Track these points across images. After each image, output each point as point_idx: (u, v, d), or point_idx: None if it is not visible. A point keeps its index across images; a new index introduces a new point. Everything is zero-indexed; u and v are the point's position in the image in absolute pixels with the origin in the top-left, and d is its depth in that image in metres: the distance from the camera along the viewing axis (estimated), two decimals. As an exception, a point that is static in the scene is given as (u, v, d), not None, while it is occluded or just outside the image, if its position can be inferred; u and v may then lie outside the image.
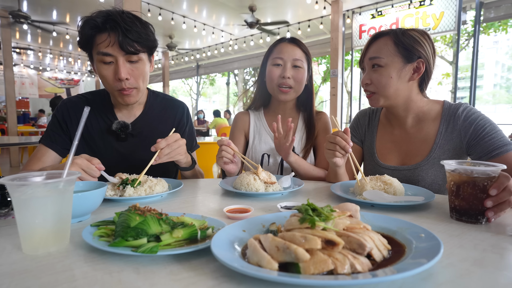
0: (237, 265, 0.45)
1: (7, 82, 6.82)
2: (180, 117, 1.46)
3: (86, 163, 0.93)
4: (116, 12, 1.15)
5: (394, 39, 1.17)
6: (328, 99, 6.67)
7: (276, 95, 1.49)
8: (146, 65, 1.23)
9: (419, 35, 1.18)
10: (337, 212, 0.57)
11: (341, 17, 6.33)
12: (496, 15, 5.92)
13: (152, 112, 1.40)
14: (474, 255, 0.55)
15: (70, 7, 6.96)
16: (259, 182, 1.05)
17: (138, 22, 1.18)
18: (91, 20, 1.12)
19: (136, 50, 1.15)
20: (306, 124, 1.56)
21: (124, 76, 1.16)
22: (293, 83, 1.45)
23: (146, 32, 1.19)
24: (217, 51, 10.70)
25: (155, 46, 1.26)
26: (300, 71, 1.45)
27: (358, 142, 1.42)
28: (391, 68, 1.16)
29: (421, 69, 1.17)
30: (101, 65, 1.17)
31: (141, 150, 1.33)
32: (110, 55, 1.14)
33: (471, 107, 1.18)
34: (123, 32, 1.11)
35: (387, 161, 1.30)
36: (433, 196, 0.90)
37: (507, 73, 40.59)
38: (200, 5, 6.97)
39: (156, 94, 1.46)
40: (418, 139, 1.24)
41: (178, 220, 0.63)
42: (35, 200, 0.57)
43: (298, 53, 1.46)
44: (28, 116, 12.53)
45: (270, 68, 1.47)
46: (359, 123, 1.45)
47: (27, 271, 0.50)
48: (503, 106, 34.11)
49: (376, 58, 1.19)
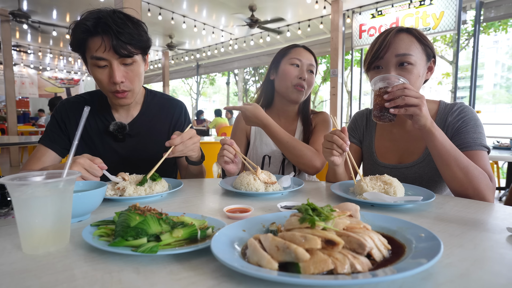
0: (237, 264, 0.45)
1: (7, 81, 6.81)
2: (178, 116, 1.46)
3: (88, 163, 0.93)
4: (106, 13, 1.12)
5: (415, 37, 1.15)
6: (328, 98, 6.66)
7: (289, 94, 1.51)
8: (140, 66, 1.22)
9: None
10: (337, 212, 0.57)
11: (341, 17, 6.32)
12: (496, 15, 5.91)
13: (149, 111, 1.39)
14: (474, 255, 0.55)
15: (70, 6, 6.95)
16: (259, 182, 1.05)
17: (130, 22, 1.15)
18: (81, 24, 1.10)
19: (130, 53, 1.14)
20: (303, 123, 1.58)
21: (119, 80, 1.15)
22: (306, 86, 1.51)
23: (138, 32, 1.16)
24: (217, 51, 10.69)
25: (149, 46, 1.23)
26: (313, 76, 1.54)
27: (356, 142, 1.42)
28: (420, 67, 1.15)
29: (433, 68, 1.18)
30: (95, 69, 1.15)
31: (139, 150, 1.33)
32: (104, 59, 1.12)
33: (466, 106, 1.19)
34: (115, 35, 1.09)
35: (386, 160, 1.30)
36: (433, 195, 0.90)
37: (507, 73, 40.58)
38: (200, 5, 6.96)
39: (153, 94, 1.45)
40: (415, 137, 1.24)
41: (178, 219, 0.63)
42: (35, 200, 0.57)
43: (312, 60, 1.54)
44: (28, 115, 12.51)
45: (288, 67, 1.50)
46: (357, 124, 1.45)
47: (27, 271, 0.50)
48: (503, 105, 34.11)
49: (406, 55, 1.12)
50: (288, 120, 1.61)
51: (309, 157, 1.35)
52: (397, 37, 1.14)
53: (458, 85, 5.82)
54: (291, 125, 1.60)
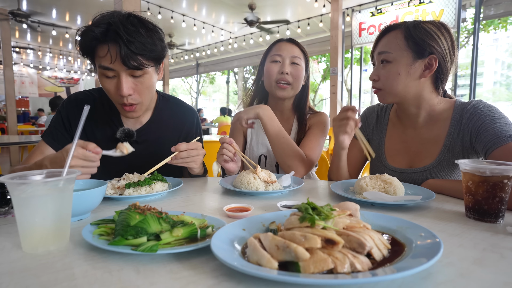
0: (237, 264, 0.45)
1: (6, 81, 6.80)
2: (190, 126, 1.40)
3: (81, 152, 0.86)
4: (118, 19, 1.03)
5: (404, 33, 1.10)
6: (328, 97, 6.66)
7: (274, 92, 1.47)
8: (152, 78, 1.14)
9: (434, 28, 1.09)
10: (337, 211, 0.57)
11: (340, 15, 6.31)
12: (495, 13, 5.90)
13: (160, 119, 1.33)
14: (474, 254, 0.55)
15: (69, 6, 6.94)
16: (259, 181, 1.05)
17: (144, 29, 1.06)
18: (90, 32, 1.02)
19: (140, 65, 1.05)
20: (299, 123, 1.54)
21: (127, 93, 1.08)
22: (291, 79, 1.44)
23: (152, 41, 1.07)
24: (216, 50, 10.68)
25: (163, 56, 1.14)
26: (298, 68, 1.46)
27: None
28: (400, 64, 1.10)
29: (433, 66, 1.08)
30: (103, 78, 1.09)
31: (146, 157, 1.26)
32: (112, 69, 1.05)
33: (481, 102, 1.08)
34: (125, 44, 1.00)
35: (395, 163, 1.23)
36: (433, 195, 0.89)
37: (507, 71, 40.55)
38: (199, 4, 6.95)
39: (166, 99, 1.38)
40: (428, 140, 1.16)
41: (178, 218, 0.63)
42: (35, 199, 0.57)
43: (296, 51, 1.47)
44: (28, 115, 12.51)
45: (269, 65, 1.47)
46: (366, 121, 1.37)
47: (27, 270, 0.50)
48: (503, 103, 34.05)
49: (384, 53, 1.12)
50: (283, 119, 1.56)
51: (295, 161, 1.32)
52: (383, 36, 1.16)
53: (458, 83, 5.81)
54: (286, 124, 1.56)
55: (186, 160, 1.09)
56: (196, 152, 1.10)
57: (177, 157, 1.07)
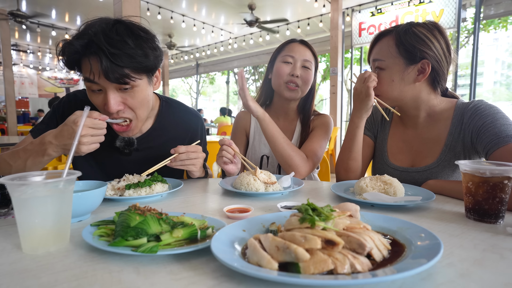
0: (237, 264, 0.45)
1: (6, 81, 6.81)
2: (194, 133, 1.35)
3: (90, 121, 0.85)
4: (101, 29, 0.93)
5: (395, 40, 1.11)
6: (328, 97, 6.66)
7: (282, 92, 1.47)
8: (144, 91, 1.03)
9: (425, 31, 1.08)
10: (337, 212, 0.57)
11: (340, 15, 6.30)
12: (496, 12, 5.90)
13: (162, 126, 1.27)
14: (474, 255, 0.55)
15: (69, 6, 6.94)
16: (259, 182, 1.05)
17: (132, 38, 0.95)
18: (70, 45, 0.93)
19: (128, 78, 0.95)
20: (302, 125, 1.54)
21: (115, 109, 0.98)
22: (301, 82, 1.45)
23: (143, 51, 0.96)
24: (216, 50, 10.68)
25: (156, 66, 1.04)
26: (309, 72, 1.46)
27: (371, 136, 1.36)
28: (393, 71, 1.11)
29: (426, 70, 1.08)
30: (89, 92, 1.01)
31: (147, 165, 1.18)
32: (97, 83, 0.95)
33: (482, 102, 1.08)
34: (107, 57, 0.90)
35: (397, 162, 1.24)
36: (433, 196, 0.90)
37: (507, 70, 40.53)
38: (199, 4, 6.95)
39: (169, 104, 1.31)
40: (429, 139, 1.17)
41: (178, 219, 0.63)
42: (35, 200, 0.57)
43: (308, 55, 1.47)
44: (28, 115, 12.50)
45: (280, 65, 1.46)
46: (373, 118, 1.38)
47: (27, 271, 0.50)
48: (503, 103, 34.05)
49: (377, 60, 1.14)
50: (287, 120, 1.58)
51: (297, 162, 1.31)
52: (377, 42, 1.18)
53: (458, 83, 5.81)
54: (290, 125, 1.57)
55: (185, 162, 1.08)
56: (195, 155, 1.09)
57: (176, 159, 1.06)
